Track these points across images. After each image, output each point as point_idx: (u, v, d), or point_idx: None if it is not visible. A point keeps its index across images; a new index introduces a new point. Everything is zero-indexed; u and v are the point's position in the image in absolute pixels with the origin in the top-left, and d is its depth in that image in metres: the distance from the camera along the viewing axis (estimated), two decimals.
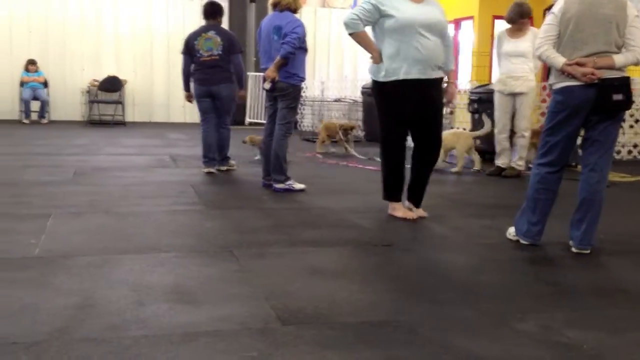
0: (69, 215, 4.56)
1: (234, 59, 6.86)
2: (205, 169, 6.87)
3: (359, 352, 2.38)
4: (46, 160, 7.45)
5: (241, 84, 7.07)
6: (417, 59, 4.54)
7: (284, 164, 5.80)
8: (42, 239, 3.86)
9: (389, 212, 4.85)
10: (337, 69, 14.25)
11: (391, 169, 4.79)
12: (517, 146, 7.19)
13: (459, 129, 8.30)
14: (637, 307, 3.02)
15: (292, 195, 5.69)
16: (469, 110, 8.61)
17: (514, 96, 7.04)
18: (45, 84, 13.22)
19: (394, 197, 4.85)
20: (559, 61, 3.75)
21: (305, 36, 5.72)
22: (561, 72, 3.77)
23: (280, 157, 5.77)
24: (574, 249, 3.91)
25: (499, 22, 11.78)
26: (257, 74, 13.04)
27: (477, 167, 7.57)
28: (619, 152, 8.62)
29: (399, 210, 4.82)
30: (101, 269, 3.31)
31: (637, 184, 6.96)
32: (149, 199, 5.28)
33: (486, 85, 8.84)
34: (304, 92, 6.27)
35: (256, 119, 13.40)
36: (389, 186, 4.84)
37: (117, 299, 2.87)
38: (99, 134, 11.07)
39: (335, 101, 11.79)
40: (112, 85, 13.46)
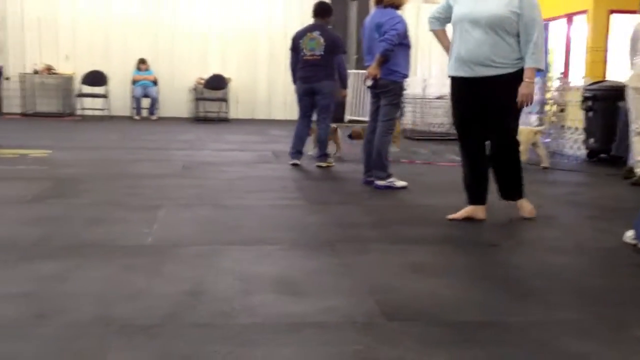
0: (178, 206, 4.73)
1: (336, 60, 6.98)
2: (291, 161, 7.05)
3: (467, 351, 2.33)
4: (156, 154, 7.77)
5: (344, 84, 7.15)
6: (459, 57, 4.37)
7: (385, 161, 5.78)
8: (154, 229, 4.02)
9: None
10: (439, 66, 14.02)
11: (463, 169, 4.65)
12: None
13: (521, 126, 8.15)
14: None
15: (394, 192, 5.65)
16: (582, 108, 8.25)
17: None
18: (155, 82, 13.80)
19: (468, 198, 4.63)
20: None
21: (406, 32, 5.67)
22: None
23: (382, 154, 5.75)
24: None
25: (616, 16, 11.22)
26: (358, 71, 13.06)
27: (544, 164, 7.41)
28: None
29: (462, 211, 4.58)
30: (209, 259, 3.41)
31: None
32: (252, 193, 5.40)
33: (601, 82, 8.44)
34: (406, 89, 6.22)
35: (356, 116, 13.42)
36: (465, 186, 4.66)
37: (225, 288, 2.95)
38: (204, 130, 11.43)
39: (437, 98, 11.62)
40: (217, 83, 13.88)
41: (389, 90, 5.70)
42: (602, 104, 7.47)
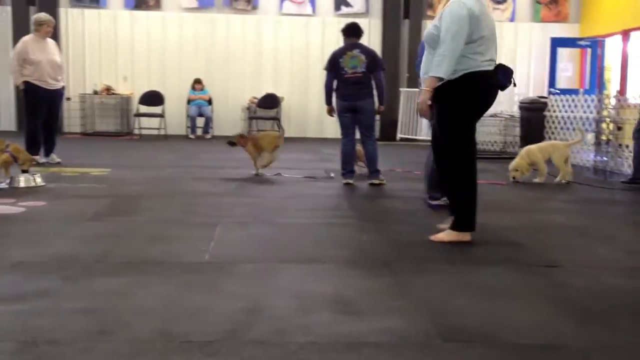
0: (233, 224, 4.79)
1: (376, 76, 7.08)
2: (344, 181, 7.06)
3: None
4: (211, 172, 7.89)
5: (381, 100, 7.19)
6: None
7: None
8: (210, 246, 4.08)
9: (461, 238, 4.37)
10: None
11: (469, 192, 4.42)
12: None
13: (553, 141, 8.05)
14: None
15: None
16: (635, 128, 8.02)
17: None
18: (209, 102, 14.07)
19: (472, 224, 4.41)
20: None
21: None
22: None
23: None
24: None
25: None
26: (410, 89, 13.03)
27: (566, 178, 7.43)
28: None
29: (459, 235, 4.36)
30: (265, 276, 3.44)
31: None
32: (306, 211, 5.42)
33: None
34: None
35: (408, 134, 13.37)
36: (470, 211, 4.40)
37: (282, 306, 2.96)
38: None
39: (491, 117, 11.49)
40: (270, 102, 14.05)
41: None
42: None
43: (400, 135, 13.63)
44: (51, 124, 8.47)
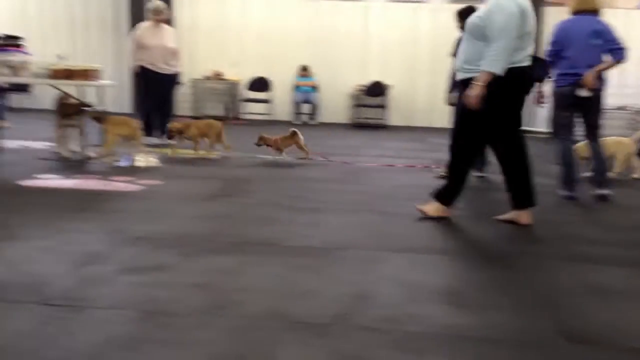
0: (340, 211, 4.80)
1: None
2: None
3: None
4: (317, 159, 7.95)
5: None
6: None
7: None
8: (319, 231, 4.11)
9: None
10: (618, 74, 13.16)
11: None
12: None
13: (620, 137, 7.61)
14: None
15: (572, 206, 5.36)
16: None
17: None
18: (315, 88, 14.19)
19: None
20: None
21: None
22: None
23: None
24: None
25: None
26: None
27: (636, 174, 7.13)
28: None
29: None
30: (373, 264, 3.43)
31: None
32: (413, 201, 5.35)
33: None
34: None
35: (526, 126, 12.92)
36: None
37: (390, 294, 2.94)
38: (363, 136, 11.55)
39: (617, 109, 10.89)
40: (377, 89, 13.99)
41: (598, 100, 5.51)
42: None
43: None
44: (165, 107, 8.81)
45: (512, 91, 4.36)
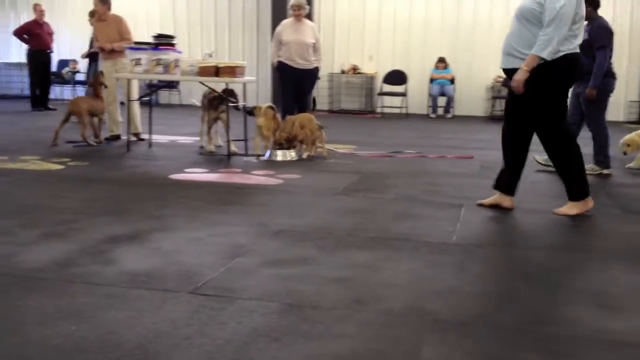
0: (478, 206, 4.69)
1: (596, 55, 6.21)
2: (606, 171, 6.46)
3: None
4: (453, 152, 7.82)
5: (592, 81, 6.19)
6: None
7: None
8: (457, 227, 4.05)
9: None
10: None
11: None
12: None
13: None
14: None
15: None
16: None
17: None
18: (452, 81, 13.93)
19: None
20: None
21: None
22: None
23: None
24: None
25: None
26: None
27: None
28: None
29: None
30: (514, 262, 3.35)
31: None
32: (554, 199, 5.12)
33: None
34: None
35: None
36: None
37: (534, 294, 2.84)
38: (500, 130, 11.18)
39: None
40: None
41: None
42: None
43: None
44: (303, 101, 9.00)
45: (564, 78, 4.34)
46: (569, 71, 4.31)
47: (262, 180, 5.65)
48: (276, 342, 2.27)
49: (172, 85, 14.02)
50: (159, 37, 7.43)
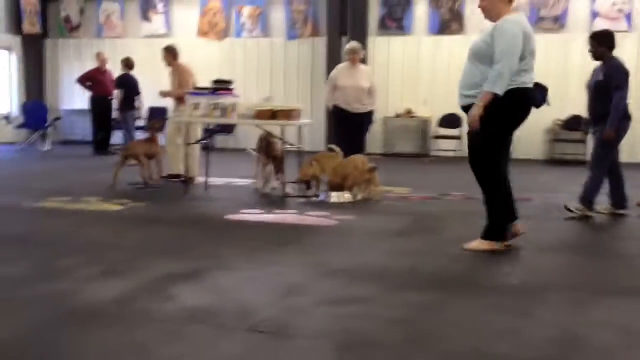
0: (539, 249, 4.58)
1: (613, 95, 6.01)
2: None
3: None
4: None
5: (610, 122, 5.97)
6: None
7: None
8: (516, 269, 3.95)
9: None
10: None
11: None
12: None
13: None
14: None
15: None
16: None
17: None
18: None
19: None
20: None
21: None
22: None
23: None
24: None
25: None
26: None
27: None
28: None
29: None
30: (581, 307, 3.22)
31: None
32: (628, 241, 4.96)
33: None
34: None
35: None
36: None
37: (602, 339, 2.74)
38: (560, 173, 10.98)
39: None
40: (577, 124, 13.25)
41: None
42: None
43: None
44: (356, 146, 9.01)
45: (514, 110, 4.40)
46: (520, 103, 4.37)
47: (318, 221, 5.66)
48: None
49: (227, 129, 14.31)
50: (218, 82, 7.63)
